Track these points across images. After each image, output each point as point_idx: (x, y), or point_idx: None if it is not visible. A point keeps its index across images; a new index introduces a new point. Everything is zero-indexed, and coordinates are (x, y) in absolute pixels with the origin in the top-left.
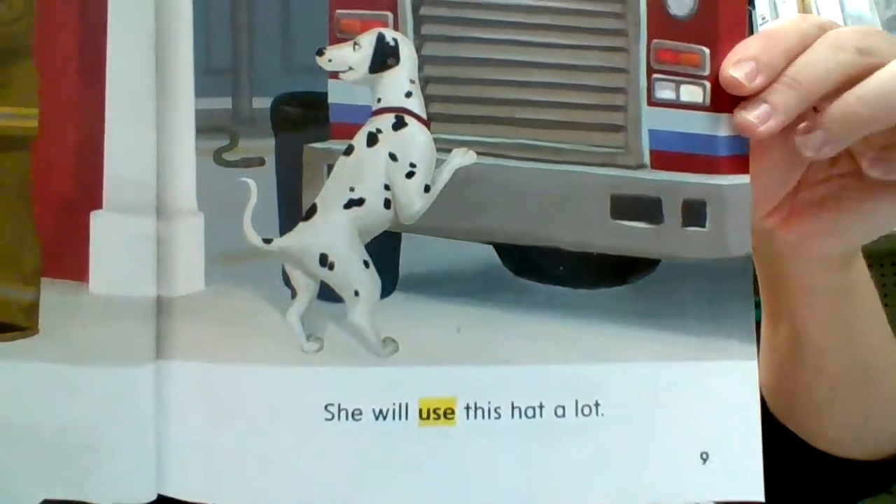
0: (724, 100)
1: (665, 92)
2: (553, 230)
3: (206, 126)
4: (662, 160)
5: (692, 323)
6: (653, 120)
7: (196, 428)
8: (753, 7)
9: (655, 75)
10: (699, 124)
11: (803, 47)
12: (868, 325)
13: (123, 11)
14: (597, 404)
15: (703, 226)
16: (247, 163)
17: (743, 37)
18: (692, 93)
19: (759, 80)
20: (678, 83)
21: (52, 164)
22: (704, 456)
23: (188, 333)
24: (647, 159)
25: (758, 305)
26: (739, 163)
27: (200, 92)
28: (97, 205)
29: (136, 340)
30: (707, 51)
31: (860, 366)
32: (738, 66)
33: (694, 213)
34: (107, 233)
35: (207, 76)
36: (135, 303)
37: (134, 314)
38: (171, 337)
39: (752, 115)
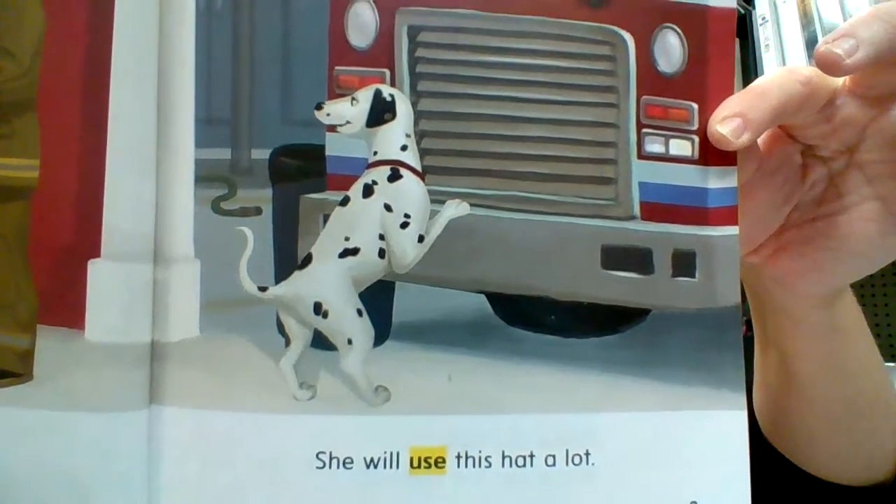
0: (713, 153)
1: (654, 146)
2: (544, 280)
3: (205, 175)
4: (652, 212)
5: (682, 372)
6: (643, 173)
7: (188, 474)
8: (753, 7)
9: (645, 130)
10: (688, 177)
11: (789, 103)
12: (857, 360)
13: (126, 62)
14: (587, 454)
15: (692, 276)
16: (244, 212)
17: (730, 92)
18: (681, 147)
19: (745, 137)
20: (667, 137)
21: (52, 213)
22: None
23: (182, 379)
24: (636, 211)
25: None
26: (728, 214)
27: (200, 142)
28: (95, 253)
29: (130, 386)
30: (696, 106)
31: (848, 399)
32: (725, 123)
33: (684, 263)
34: (104, 281)
35: (207, 127)
36: (129, 349)
37: (128, 360)
38: (164, 383)
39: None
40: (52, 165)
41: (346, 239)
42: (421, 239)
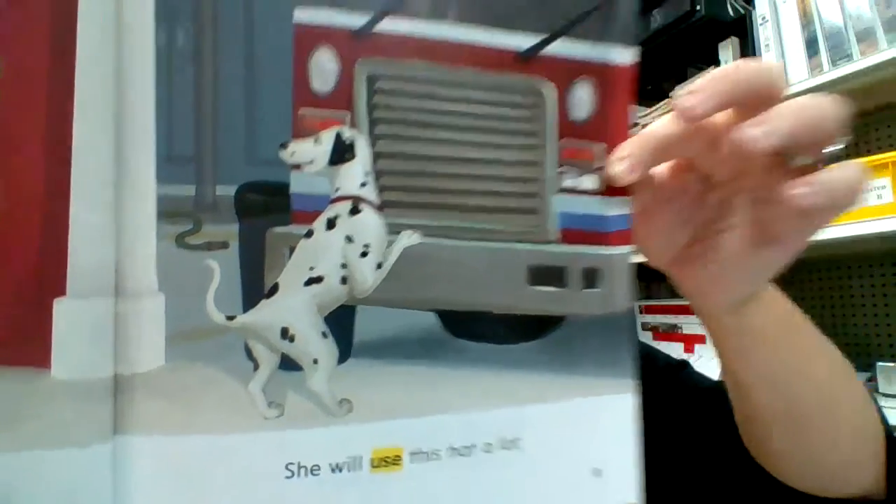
0: (612, 187)
1: (569, 181)
2: (483, 297)
3: (169, 211)
4: (567, 236)
5: (589, 367)
6: (560, 204)
7: (158, 499)
8: (753, 7)
9: (561, 168)
10: (595, 207)
11: (671, 146)
12: (785, 366)
13: (87, 105)
14: (517, 439)
15: (598, 287)
16: (210, 246)
17: (627, 136)
18: (590, 181)
19: (633, 175)
20: (579, 174)
21: (14, 255)
22: (597, 472)
23: (147, 407)
24: (555, 236)
25: None
26: (624, 236)
27: (164, 179)
28: (61, 292)
29: (95, 419)
30: (601, 147)
31: (785, 405)
32: (618, 164)
33: (591, 278)
34: (70, 319)
35: (172, 165)
36: (94, 384)
37: (93, 395)
38: (128, 412)
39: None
40: (16, 206)
41: (311, 268)
42: (379, 266)
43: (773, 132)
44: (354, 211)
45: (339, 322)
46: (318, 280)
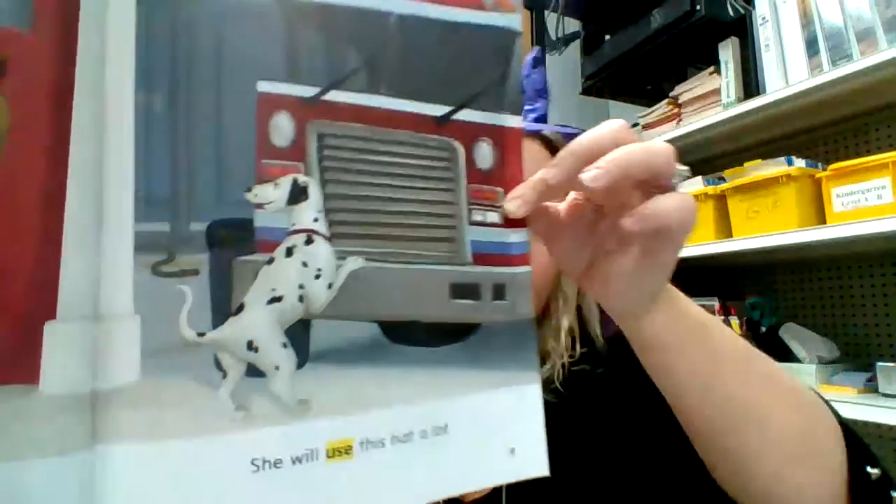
0: (511, 220)
1: (478, 216)
2: (414, 309)
3: (147, 244)
4: (480, 259)
5: (501, 363)
6: (472, 234)
7: (138, 498)
8: (753, 7)
9: (471, 206)
10: (499, 236)
11: (550, 188)
12: (692, 375)
13: (79, 157)
14: (445, 426)
15: (505, 299)
16: (183, 273)
17: (521, 180)
18: (494, 216)
19: (522, 210)
20: (486, 211)
21: (12, 287)
22: (512, 451)
23: (125, 416)
24: (470, 259)
25: (755, 306)
26: (524, 258)
27: (143, 217)
28: (51, 316)
29: (80, 429)
30: (501, 190)
31: (710, 413)
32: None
33: (499, 292)
34: (58, 340)
35: (149, 205)
36: (79, 397)
37: (79, 407)
38: (106, 422)
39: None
40: (14, 246)
41: (273, 290)
42: (330, 286)
43: (603, 175)
44: (309, 241)
45: (297, 334)
46: (279, 299)
